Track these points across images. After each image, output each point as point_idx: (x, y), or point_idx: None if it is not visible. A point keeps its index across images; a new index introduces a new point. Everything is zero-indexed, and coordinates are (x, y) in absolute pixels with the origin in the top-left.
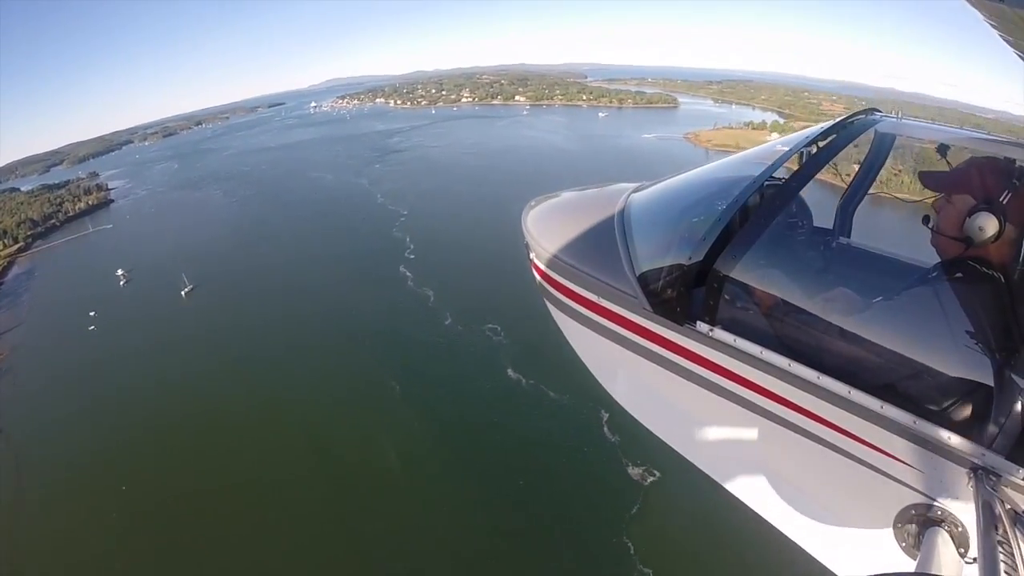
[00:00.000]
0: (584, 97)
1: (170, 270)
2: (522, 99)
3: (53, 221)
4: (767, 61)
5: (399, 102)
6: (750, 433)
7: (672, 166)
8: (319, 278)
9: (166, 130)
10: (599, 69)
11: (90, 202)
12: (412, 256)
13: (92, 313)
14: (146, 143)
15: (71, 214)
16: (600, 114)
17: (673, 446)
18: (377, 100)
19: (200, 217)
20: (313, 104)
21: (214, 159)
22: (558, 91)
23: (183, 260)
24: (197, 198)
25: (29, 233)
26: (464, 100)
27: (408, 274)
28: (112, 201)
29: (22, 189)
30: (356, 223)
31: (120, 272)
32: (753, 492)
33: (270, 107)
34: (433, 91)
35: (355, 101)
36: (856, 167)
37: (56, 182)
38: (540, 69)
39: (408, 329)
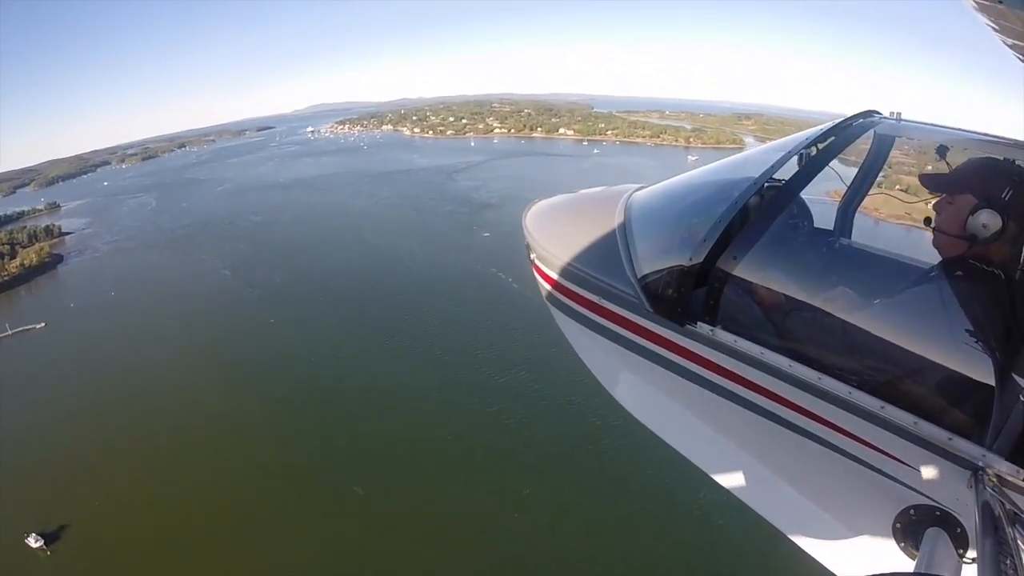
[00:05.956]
0: (644, 133)
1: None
2: (569, 132)
3: None
4: (754, 92)
5: (416, 130)
6: (751, 434)
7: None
8: None
9: (146, 151)
10: (603, 100)
11: (29, 261)
12: None
13: None
14: (123, 165)
15: None
16: (690, 157)
17: (675, 447)
18: (384, 127)
19: (198, 330)
20: (310, 129)
21: (204, 196)
22: (602, 124)
23: (182, 507)
24: (186, 277)
25: None
26: (497, 131)
27: None
28: (60, 259)
29: None
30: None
31: (35, 543)
32: (754, 492)
33: (259, 131)
34: (451, 119)
35: (358, 127)
36: (856, 169)
37: (9, 212)
38: (528, 98)
39: None
